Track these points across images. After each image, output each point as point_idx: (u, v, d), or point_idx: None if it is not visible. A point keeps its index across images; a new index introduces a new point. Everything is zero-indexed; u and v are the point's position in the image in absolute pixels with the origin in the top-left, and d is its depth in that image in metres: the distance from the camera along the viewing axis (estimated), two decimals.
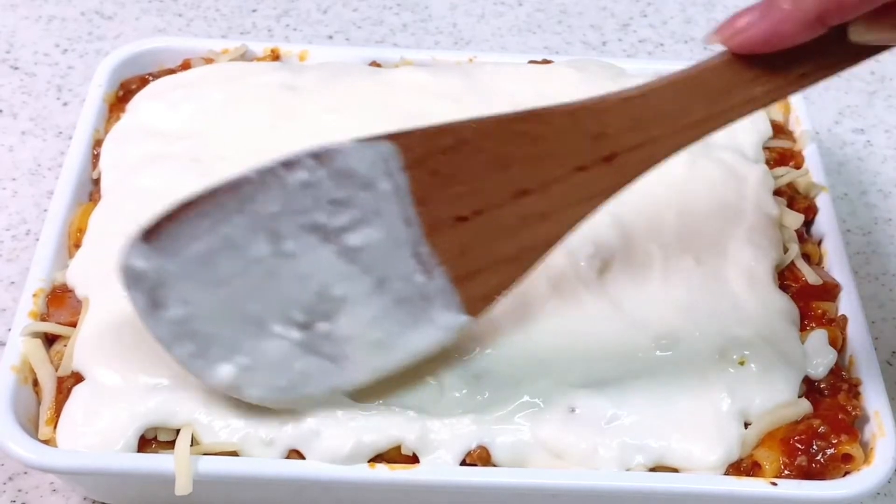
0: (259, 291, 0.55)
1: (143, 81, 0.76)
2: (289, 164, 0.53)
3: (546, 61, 0.79)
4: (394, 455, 0.58)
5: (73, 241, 0.67)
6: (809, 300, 0.65)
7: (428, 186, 0.54)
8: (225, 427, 0.57)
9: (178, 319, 0.55)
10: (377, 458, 0.58)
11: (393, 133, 0.53)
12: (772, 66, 0.51)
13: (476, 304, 0.57)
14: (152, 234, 0.53)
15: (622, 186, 0.55)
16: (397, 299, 0.56)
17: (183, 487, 0.56)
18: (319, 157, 0.53)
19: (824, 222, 0.71)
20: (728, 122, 0.53)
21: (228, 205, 0.53)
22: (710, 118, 0.53)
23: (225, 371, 0.56)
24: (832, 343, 0.63)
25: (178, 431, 0.57)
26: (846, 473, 0.59)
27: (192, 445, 0.57)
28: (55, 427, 0.58)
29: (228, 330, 0.55)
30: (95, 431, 0.57)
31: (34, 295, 0.63)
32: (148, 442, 0.58)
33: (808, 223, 0.71)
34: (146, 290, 0.54)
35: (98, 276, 0.62)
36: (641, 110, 0.53)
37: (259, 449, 0.57)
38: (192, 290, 0.54)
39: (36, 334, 0.62)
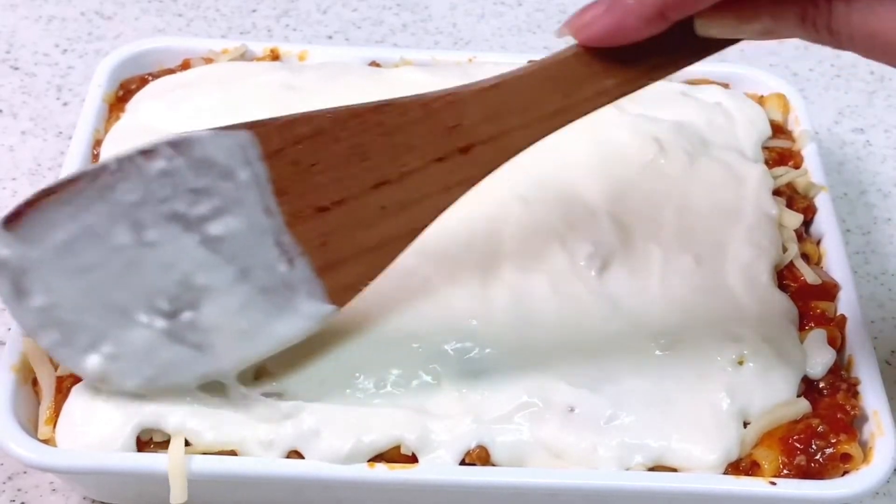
0: (122, 280, 0.55)
1: (142, 81, 0.76)
2: (147, 153, 0.53)
3: None
4: (393, 455, 0.58)
5: None
6: (808, 300, 0.65)
7: (288, 176, 0.54)
8: (223, 428, 0.57)
9: (42, 307, 0.55)
10: (377, 458, 0.58)
11: (251, 122, 0.53)
12: (622, 58, 0.52)
13: (341, 293, 0.57)
14: (13, 221, 0.53)
15: (480, 177, 0.55)
16: (261, 288, 0.56)
17: (178, 496, 0.56)
18: (177, 145, 0.53)
19: (823, 222, 0.71)
20: (582, 114, 0.54)
21: (89, 193, 0.53)
22: (564, 110, 0.53)
23: (92, 360, 0.56)
24: (831, 342, 0.63)
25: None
26: (845, 473, 0.59)
27: (189, 446, 0.57)
28: (54, 426, 0.58)
29: (93, 318, 0.55)
30: (94, 431, 0.57)
31: None
32: (146, 443, 0.58)
33: (808, 223, 0.71)
34: (9, 277, 0.54)
35: None
36: (496, 102, 0.54)
37: (258, 449, 0.57)
38: (55, 278, 0.54)
39: None
